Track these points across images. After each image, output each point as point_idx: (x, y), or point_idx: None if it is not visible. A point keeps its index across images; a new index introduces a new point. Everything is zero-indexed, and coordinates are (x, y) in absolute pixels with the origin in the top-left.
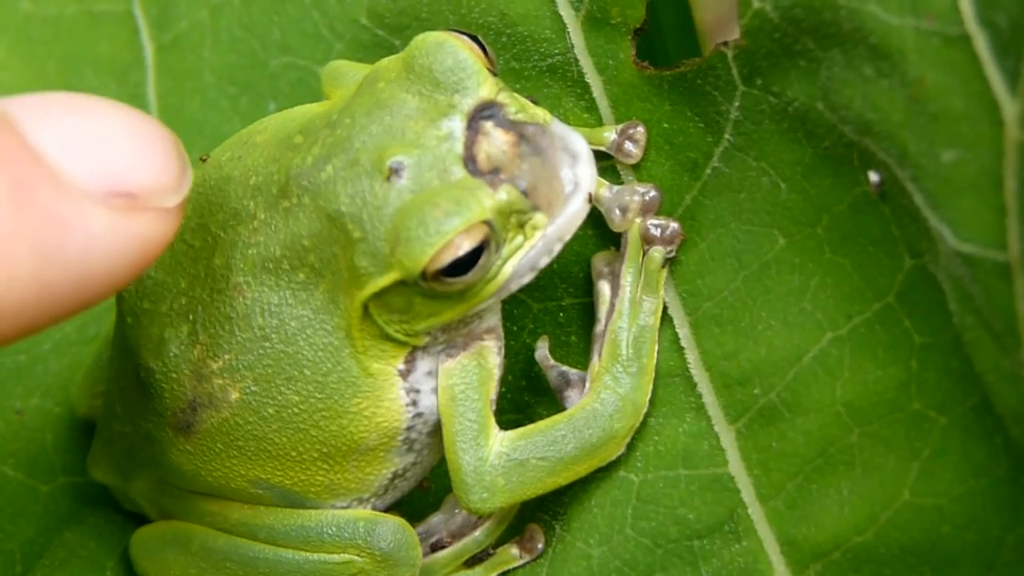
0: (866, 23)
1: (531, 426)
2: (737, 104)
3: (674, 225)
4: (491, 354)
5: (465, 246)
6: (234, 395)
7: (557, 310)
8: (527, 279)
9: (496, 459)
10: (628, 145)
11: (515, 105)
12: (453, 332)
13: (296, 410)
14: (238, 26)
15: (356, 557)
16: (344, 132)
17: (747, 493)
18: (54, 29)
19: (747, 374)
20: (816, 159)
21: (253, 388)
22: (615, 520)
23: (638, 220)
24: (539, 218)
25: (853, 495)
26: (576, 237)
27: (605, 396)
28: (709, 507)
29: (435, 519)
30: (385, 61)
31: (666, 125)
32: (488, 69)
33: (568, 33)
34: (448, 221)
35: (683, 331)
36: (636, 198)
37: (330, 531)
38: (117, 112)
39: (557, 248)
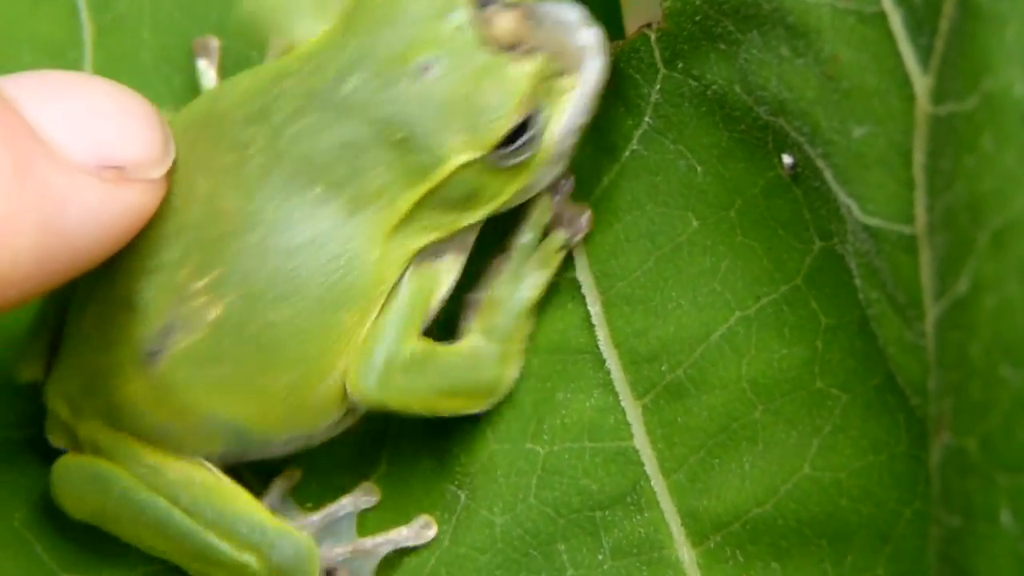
0: (785, 3)
1: (449, 346)
2: (658, 87)
3: (584, 217)
4: (452, 269)
5: (524, 112)
6: (214, 313)
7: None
8: (570, 142)
9: (406, 356)
10: None
11: None
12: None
13: (280, 331)
14: (177, 8)
15: (253, 561)
16: (356, 50)
17: (650, 466)
18: None
19: (655, 351)
20: (732, 142)
21: (238, 304)
22: (519, 489)
23: (551, 198)
24: (567, 81)
25: (754, 468)
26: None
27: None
28: (612, 479)
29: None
30: None
31: None
32: None
33: None
34: (505, 91)
35: (595, 309)
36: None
37: (242, 528)
38: (106, 89)
39: (593, 106)
